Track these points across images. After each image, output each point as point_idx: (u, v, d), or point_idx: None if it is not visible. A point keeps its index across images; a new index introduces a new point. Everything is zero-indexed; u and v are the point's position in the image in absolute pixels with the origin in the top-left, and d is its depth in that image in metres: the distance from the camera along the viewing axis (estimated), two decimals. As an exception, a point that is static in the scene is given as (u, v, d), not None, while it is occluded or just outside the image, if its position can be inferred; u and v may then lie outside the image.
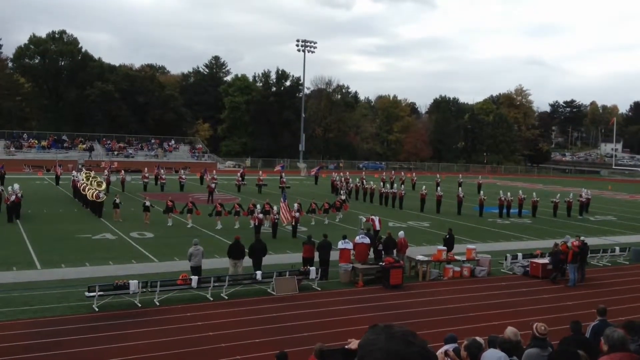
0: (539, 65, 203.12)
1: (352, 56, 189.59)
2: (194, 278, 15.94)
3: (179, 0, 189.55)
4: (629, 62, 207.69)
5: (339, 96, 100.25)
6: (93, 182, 35.06)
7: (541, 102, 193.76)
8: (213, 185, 38.89)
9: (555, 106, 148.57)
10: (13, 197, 27.90)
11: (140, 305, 14.95)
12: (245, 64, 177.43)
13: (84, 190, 33.25)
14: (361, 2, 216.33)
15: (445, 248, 20.47)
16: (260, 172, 50.20)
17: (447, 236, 21.78)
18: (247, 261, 18.10)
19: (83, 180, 36.23)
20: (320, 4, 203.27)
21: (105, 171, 44.80)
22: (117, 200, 29.30)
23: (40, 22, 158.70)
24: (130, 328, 13.33)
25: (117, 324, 13.52)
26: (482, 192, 39.24)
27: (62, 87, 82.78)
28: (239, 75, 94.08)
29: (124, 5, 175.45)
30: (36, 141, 69.59)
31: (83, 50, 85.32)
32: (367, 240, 19.62)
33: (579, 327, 8.74)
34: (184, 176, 45.97)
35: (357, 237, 19.92)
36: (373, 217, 24.36)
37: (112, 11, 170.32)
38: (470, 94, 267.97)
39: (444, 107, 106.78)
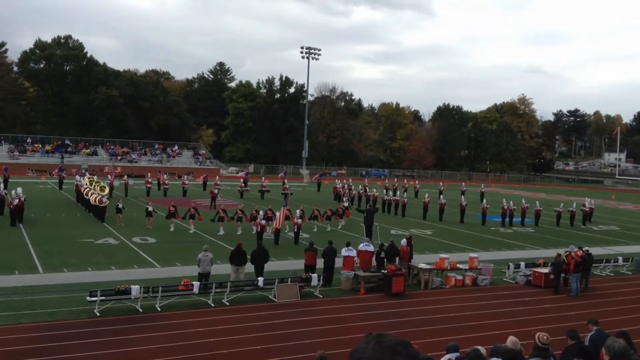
0: (539, 73, 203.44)
1: (353, 63, 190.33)
2: (196, 284, 15.93)
3: (181, 6, 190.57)
4: (632, 71, 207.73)
5: (343, 103, 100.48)
6: (96, 187, 35.16)
7: (543, 111, 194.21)
8: (216, 190, 38.93)
9: (559, 115, 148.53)
10: (16, 201, 27.97)
11: (141, 310, 14.94)
12: (247, 70, 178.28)
13: (87, 194, 33.33)
14: (359, 10, 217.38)
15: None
16: (263, 178, 50.26)
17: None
18: (249, 267, 18.08)
19: (86, 184, 36.34)
20: (319, 10, 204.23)
21: (109, 176, 44.96)
22: (120, 205, 29.33)
23: (45, 27, 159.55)
24: (132, 333, 13.31)
25: (119, 329, 13.50)
26: (484, 200, 39.18)
27: (67, 91, 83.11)
28: (243, 82, 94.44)
29: (127, 11, 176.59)
30: (40, 145, 69.84)
31: (88, 55, 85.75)
32: (370, 248, 19.55)
33: (577, 335, 8.71)
34: (186, 182, 46.06)
35: (361, 245, 19.85)
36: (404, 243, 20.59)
37: (116, 16, 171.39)
38: (472, 102, 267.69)
39: (447, 115, 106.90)
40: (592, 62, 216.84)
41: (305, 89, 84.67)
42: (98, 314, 14.47)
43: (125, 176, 46.59)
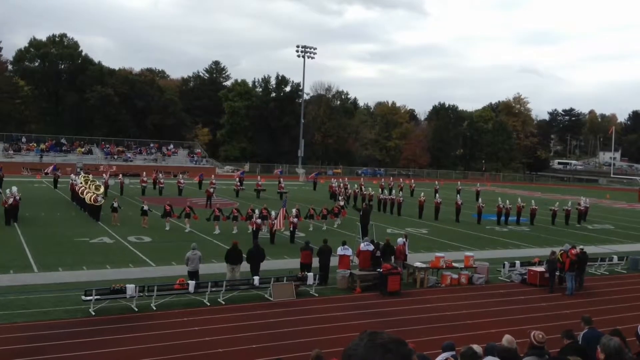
0: (534, 73, 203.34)
1: (348, 62, 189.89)
2: (191, 283, 15.93)
3: (175, 4, 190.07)
4: (627, 71, 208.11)
5: (338, 102, 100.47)
6: (91, 186, 35.07)
7: (537, 110, 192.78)
8: (212, 189, 38.90)
9: (554, 114, 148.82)
10: (11, 200, 27.86)
11: (137, 309, 14.91)
12: (243, 68, 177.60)
13: (82, 193, 33.23)
14: (353, 9, 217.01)
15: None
16: (259, 177, 50.25)
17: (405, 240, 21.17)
18: (245, 266, 18.06)
19: (81, 183, 36.22)
20: (313, 10, 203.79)
21: (104, 175, 44.84)
22: (115, 204, 29.27)
23: (40, 26, 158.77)
24: (127, 333, 13.28)
25: (114, 329, 13.47)
26: (480, 199, 39.26)
27: (62, 90, 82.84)
28: (239, 81, 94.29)
29: (122, 9, 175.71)
30: (35, 144, 69.60)
31: (83, 53, 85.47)
32: (371, 248, 19.46)
33: (573, 334, 8.73)
34: (182, 180, 46.00)
35: (362, 245, 19.81)
36: (401, 241, 20.96)
37: (111, 15, 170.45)
38: (468, 101, 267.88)
39: (443, 114, 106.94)
40: (586, 62, 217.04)
41: (301, 88, 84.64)
42: (93, 313, 14.43)
43: (121, 175, 46.48)
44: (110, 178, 44.55)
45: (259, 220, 25.71)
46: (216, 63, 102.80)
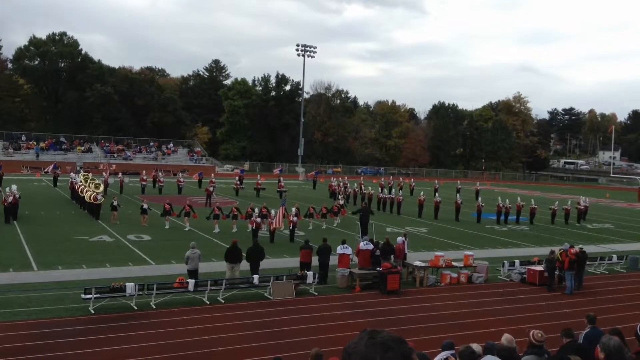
0: (533, 72, 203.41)
1: (348, 61, 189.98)
2: (191, 281, 15.92)
3: (175, 3, 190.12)
4: (626, 70, 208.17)
5: (338, 101, 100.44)
6: (91, 184, 35.06)
7: (537, 109, 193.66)
8: (211, 188, 38.90)
9: (554, 114, 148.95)
10: (10, 198, 27.87)
11: (136, 308, 14.91)
12: (242, 67, 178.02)
13: (81, 192, 33.24)
14: (352, 8, 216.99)
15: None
16: (259, 175, 50.25)
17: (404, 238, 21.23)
18: (244, 265, 18.06)
19: (81, 182, 36.22)
20: (312, 9, 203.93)
21: (104, 173, 44.83)
22: (115, 203, 29.27)
23: (39, 24, 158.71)
24: (127, 331, 13.29)
25: (113, 327, 13.47)
26: (480, 198, 39.26)
27: (62, 88, 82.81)
28: (239, 79, 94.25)
29: (122, 8, 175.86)
30: (35, 142, 69.58)
31: (83, 52, 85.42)
32: (370, 247, 19.48)
33: (572, 333, 8.73)
34: (182, 179, 46.01)
35: (362, 244, 19.79)
36: (401, 240, 20.91)
37: (111, 13, 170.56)
38: (467, 100, 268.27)
39: (443, 113, 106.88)
40: (586, 61, 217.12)
41: (300, 87, 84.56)
42: (93, 312, 14.43)
43: (120, 174, 46.47)
44: (110, 176, 44.54)
45: (258, 219, 25.72)
46: (216, 62, 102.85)
